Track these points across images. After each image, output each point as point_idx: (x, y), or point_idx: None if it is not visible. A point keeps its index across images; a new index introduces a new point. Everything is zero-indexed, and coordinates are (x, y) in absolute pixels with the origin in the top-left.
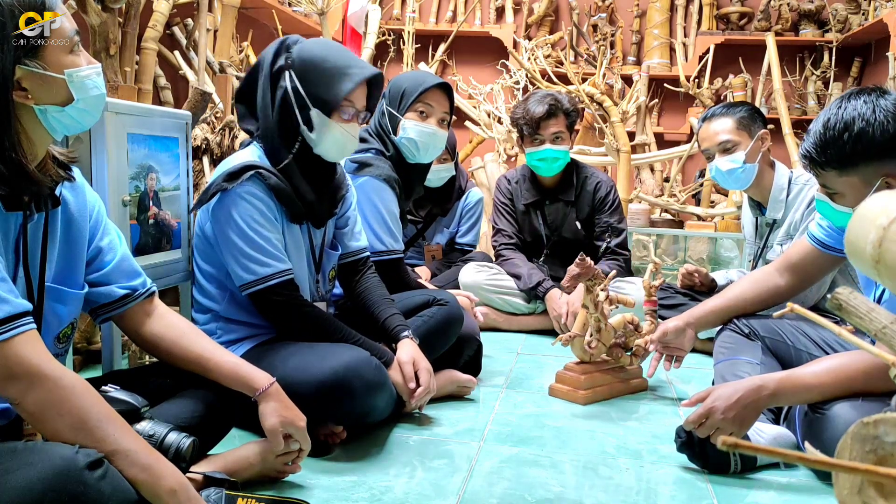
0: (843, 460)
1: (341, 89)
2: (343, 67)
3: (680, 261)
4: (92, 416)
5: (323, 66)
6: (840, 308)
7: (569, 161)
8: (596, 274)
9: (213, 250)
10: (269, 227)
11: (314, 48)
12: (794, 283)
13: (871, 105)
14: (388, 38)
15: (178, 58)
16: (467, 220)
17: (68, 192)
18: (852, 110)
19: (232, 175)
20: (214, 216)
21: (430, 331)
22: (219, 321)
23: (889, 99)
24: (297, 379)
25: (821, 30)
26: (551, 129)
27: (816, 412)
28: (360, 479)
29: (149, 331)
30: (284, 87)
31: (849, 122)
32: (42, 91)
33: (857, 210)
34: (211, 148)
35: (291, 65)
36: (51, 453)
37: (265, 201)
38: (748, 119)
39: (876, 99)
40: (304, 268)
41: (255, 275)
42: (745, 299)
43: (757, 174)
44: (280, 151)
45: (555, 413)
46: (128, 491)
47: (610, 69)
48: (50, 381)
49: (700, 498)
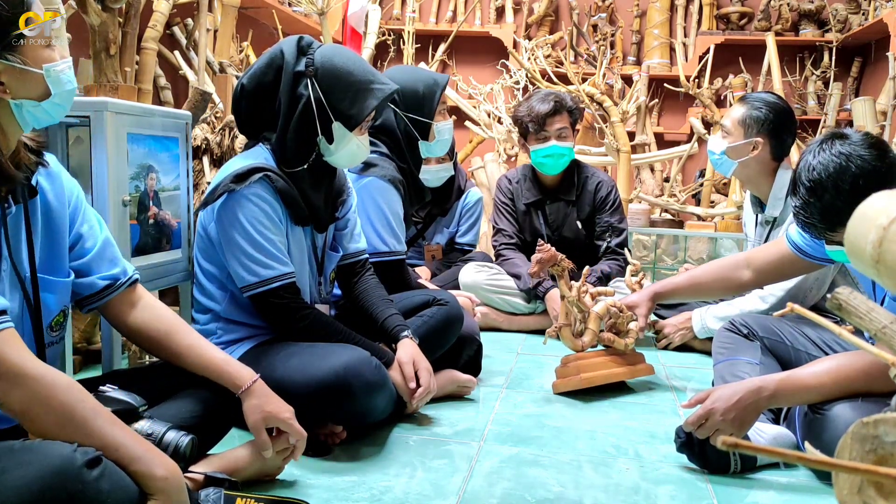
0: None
1: (366, 106)
2: (367, 83)
3: (680, 261)
4: (77, 411)
5: (348, 80)
6: (840, 308)
7: (572, 159)
8: (560, 259)
9: (215, 250)
10: (274, 229)
11: (336, 58)
12: (758, 281)
13: (844, 156)
14: (388, 38)
15: (178, 58)
16: (467, 220)
17: (44, 181)
18: (834, 170)
19: (240, 176)
20: (219, 216)
21: (430, 331)
22: (219, 321)
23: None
24: (297, 379)
25: (821, 30)
26: (556, 126)
27: (816, 413)
28: (360, 479)
29: (133, 321)
30: (307, 96)
31: (837, 184)
32: (19, 85)
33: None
34: (211, 148)
35: (315, 73)
36: (49, 452)
37: (271, 204)
38: (755, 121)
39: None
40: (307, 270)
41: (257, 276)
42: (705, 284)
43: (750, 175)
44: (294, 158)
45: (555, 413)
46: (127, 488)
47: (610, 69)
48: (31, 379)
49: (700, 498)
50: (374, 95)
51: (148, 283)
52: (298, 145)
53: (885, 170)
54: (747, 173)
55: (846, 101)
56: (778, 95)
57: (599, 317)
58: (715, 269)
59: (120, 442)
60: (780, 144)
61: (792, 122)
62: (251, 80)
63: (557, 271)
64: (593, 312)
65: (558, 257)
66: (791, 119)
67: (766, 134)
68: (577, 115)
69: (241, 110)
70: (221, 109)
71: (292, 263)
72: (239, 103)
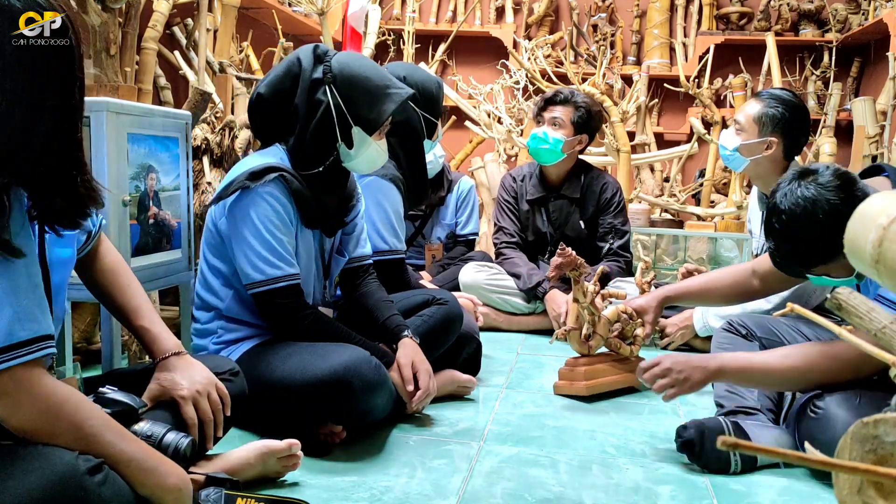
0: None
1: (385, 109)
2: (384, 87)
3: (680, 261)
4: (85, 429)
5: (366, 85)
6: (840, 308)
7: (563, 156)
8: (580, 264)
9: (224, 246)
10: (284, 230)
11: (353, 65)
12: (763, 290)
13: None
14: (388, 38)
15: (178, 58)
16: (464, 210)
17: None
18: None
19: (255, 174)
20: (231, 212)
21: (430, 330)
22: (220, 320)
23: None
24: (297, 378)
25: (821, 30)
26: (553, 114)
27: (811, 412)
28: (360, 479)
29: (97, 267)
30: (326, 102)
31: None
32: None
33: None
34: (211, 148)
35: (333, 80)
36: (51, 458)
37: (284, 204)
38: (771, 119)
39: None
40: (313, 272)
41: (263, 275)
42: (717, 291)
43: (762, 173)
44: (311, 162)
45: (555, 413)
46: (128, 495)
47: (610, 69)
48: (41, 400)
49: (700, 498)
50: (392, 99)
51: (148, 283)
52: (316, 150)
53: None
54: (758, 171)
55: (846, 101)
56: (794, 93)
57: (609, 322)
58: (727, 276)
59: (131, 456)
60: (794, 144)
61: (807, 121)
62: (269, 88)
63: (575, 275)
64: (604, 317)
65: (578, 261)
66: (806, 118)
67: (780, 133)
68: (584, 114)
69: (257, 117)
70: (221, 109)
71: (299, 265)
72: (256, 111)
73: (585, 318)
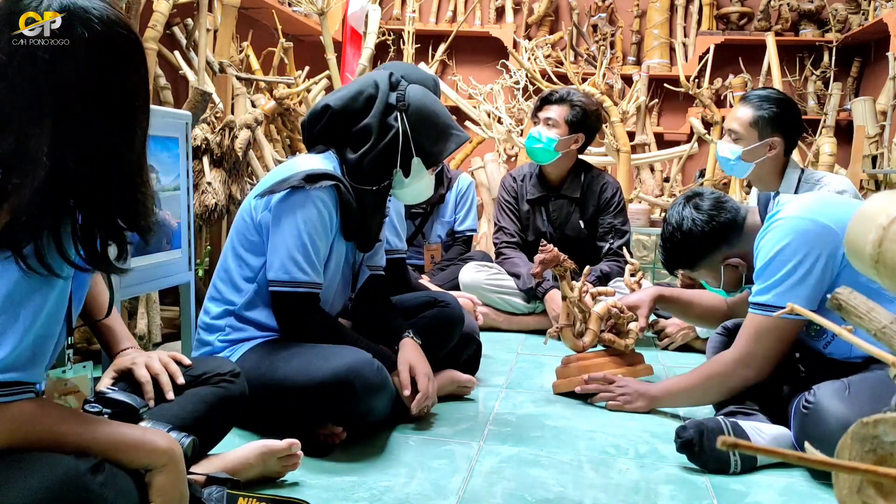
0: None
1: (446, 147)
2: (449, 127)
3: None
4: (62, 430)
5: (434, 120)
6: (840, 308)
7: (558, 156)
8: (563, 260)
9: (260, 239)
10: (323, 236)
11: (426, 99)
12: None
13: (683, 217)
14: (388, 38)
15: (178, 58)
16: (462, 206)
17: None
18: (674, 225)
19: (312, 177)
20: (278, 207)
21: (432, 332)
22: (231, 317)
23: (702, 205)
24: (299, 379)
25: (821, 30)
26: (547, 113)
27: (804, 407)
28: (360, 479)
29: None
30: (396, 128)
31: (672, 236)
32: None
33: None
34: (211, 148)
35: (405, 108)
36: (52, 460)
37: (331, 212)
38: (767, 121)
39: (686, 209)
40: (338, 282)
41: (289, 275)
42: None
43: (762, 174)
44: (367, 180)
45: (555, 413)
46: (130, 494)
47: (610, 69)
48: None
49: (700, 498)
50: (454, 140)
51: (148, 283)
52: (375, 170)
53: (709, 230)
54: (760, 173)
55: (846, 101)
56: (776, 90)
57: (600, 317)
58: (709, 297)
59: (116, 439)
60: (792, 139)
61: (797, 114)
62: (340, 101)
63: (560, 272)
64: (594, 313)
65: (561, 258)
66: (796, 111)
67: (779, 132)
68: (580, 114)
69: (317, 125)
70: (221, 109)
71: (327, 274)
72: (318, 120)
73: (577, 314)
